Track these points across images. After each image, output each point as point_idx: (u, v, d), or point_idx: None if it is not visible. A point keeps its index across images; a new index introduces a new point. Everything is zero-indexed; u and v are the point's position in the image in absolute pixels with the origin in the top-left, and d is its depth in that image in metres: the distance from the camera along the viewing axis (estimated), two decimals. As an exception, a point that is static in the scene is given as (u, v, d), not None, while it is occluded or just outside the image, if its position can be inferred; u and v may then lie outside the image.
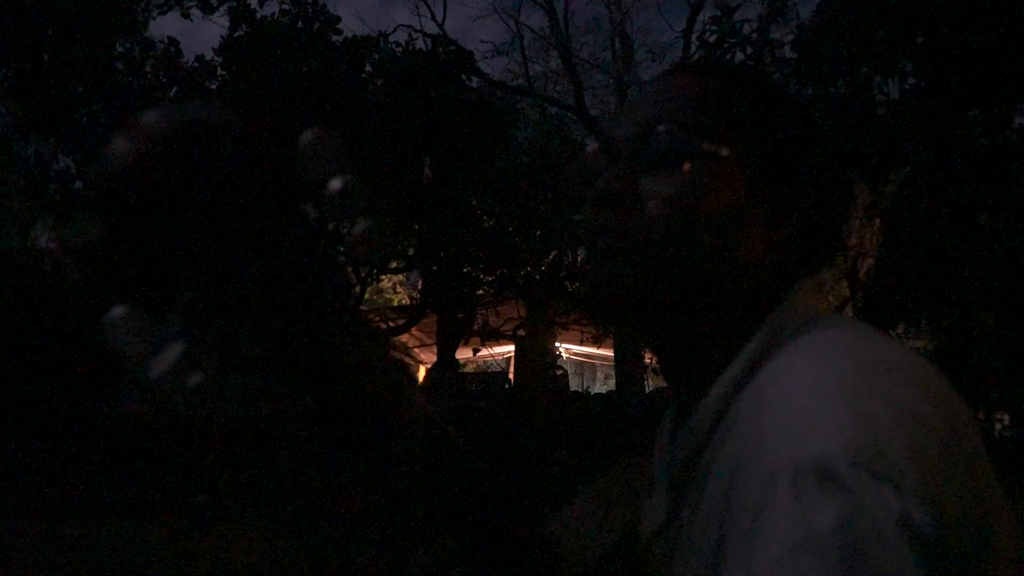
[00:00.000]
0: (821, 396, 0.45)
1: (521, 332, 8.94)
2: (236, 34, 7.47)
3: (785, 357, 0.52)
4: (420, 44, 8.58)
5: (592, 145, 0.64)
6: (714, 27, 5.26)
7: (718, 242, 0.57)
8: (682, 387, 0.64)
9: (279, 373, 0.47)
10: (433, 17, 19.48)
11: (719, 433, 0.53)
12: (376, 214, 0.45)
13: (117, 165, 0.41)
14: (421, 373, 9.85)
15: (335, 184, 0.44)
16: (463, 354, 9.81)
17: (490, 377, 9.65)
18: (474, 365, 12.00)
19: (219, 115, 0.43)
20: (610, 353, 10.99)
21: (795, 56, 5.07)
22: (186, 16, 8.00)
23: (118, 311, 0.40)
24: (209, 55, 7.53)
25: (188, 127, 0.42)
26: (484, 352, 9.65)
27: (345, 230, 0.45)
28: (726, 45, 5.14)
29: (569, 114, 11.58)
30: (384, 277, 11.63)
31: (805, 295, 0.59)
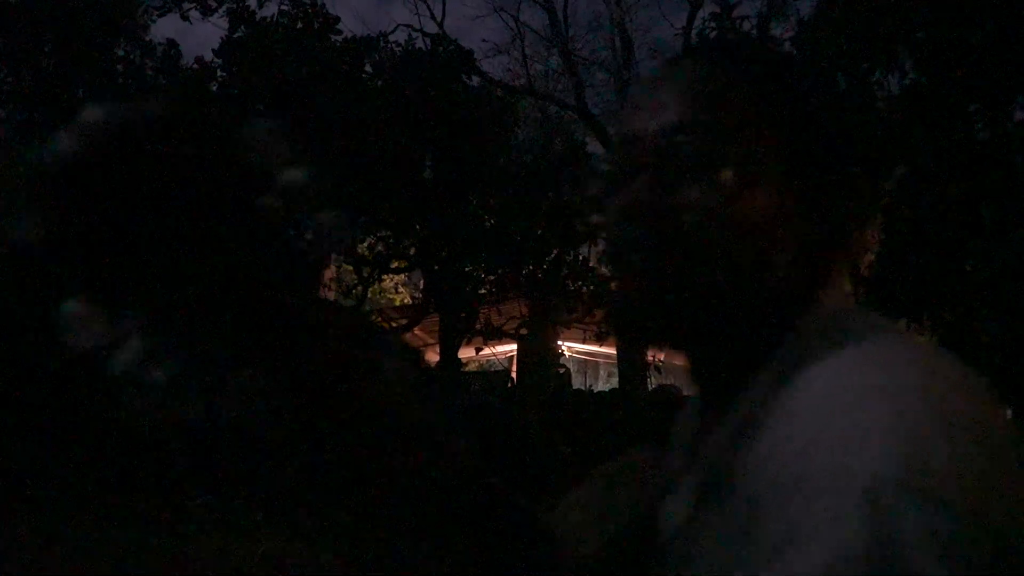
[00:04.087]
0: (864, 406, 0.44)
1: (523, 331, 8.93)
2: (235, 35, 7.47)
3: (824, 360, 0.50)
4: (420, 44, 8.59)
5: (604, 151, 0.62)
6: (713, 24, 5.26)
7: (759, 248, 0.55)
8: (712, 387, 0.62)
9: (246, 371, 0.45)
10: (433, 16, 19.47)
11: (753, 434, 0.52)
12: (335, 205, 0.44)
13: (61, 160, 0.40)
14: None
15: (289, 174, 0.43)
16: (466, 353, 9.81)
17: (493, 376, 9.65)
18: (477, 364, 12.00)
19: (168, 108, 0.42)
20: (612, 351, 10.98)
21: (795, 52, 5.07)
22: (185, 18, 8.00)
23: (70, 308, 0.39)
24: (208, 56, 7.54)
25: (137, 122, 0.41)
26: (487, 351, 9.65)
27: (306, 221, 0.44)
28: (726, 42, 5.13)
29: (570, 112, 11.58)
30: (386, 277, 11.63)
31: (838, 294, 0.57)
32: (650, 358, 8.44)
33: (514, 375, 9.94)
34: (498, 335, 8.80)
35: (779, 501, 0.43)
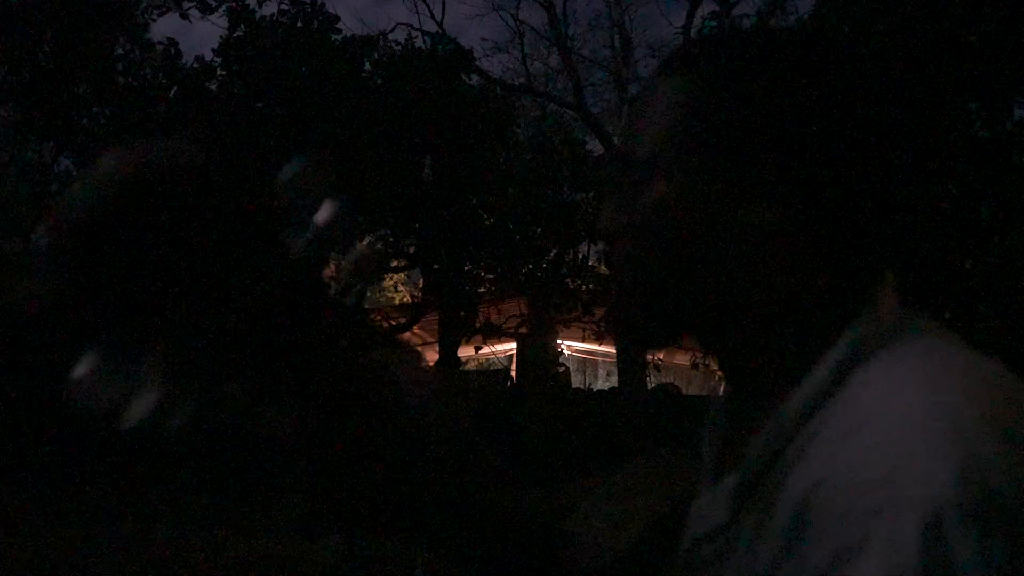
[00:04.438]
0: (924, 424, 0.42)
1: (523, 329, 8.93)
2: (235, 34, 7.47)
3: (880, 369, 0.49)
4: (419, 43, 8.59)
5: (604, 151, 0.62)
6: (713, 22, 5.26)
7: (745, 264, 0.54)
8: (747, 389, 0.60)
9: (274, 407, 0.45)
10: (432, 15, 19.49)
11: (801, 441, 0.50)
12: (366, 240, 0.43)
13: (77, 217, 0.39)
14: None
15: (321, 216, 0.43)
16: (465, 352, 9.81)
17: (492, 375, 9.64)
18: (476, 363, 12.00)
19: (183, 155, 0.41)
20: (612, 350, 10.99)
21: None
22: (185, 17, 7.99)
23: (87, 364, 0.39)
24: (208, 55, 7.54)
25: (148, 170, 0.40)
26: (486, 350, 9.65)
27: (334, 259, 0.44)
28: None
29: (569, 111, 11.57)
30: (385, 276, 11.63)
31: (888, 298, 0.55)
32: (650, 357, 8.44)
33: (514, 374, 9.94)
34: (497, 334, 8.80)
35: (831, 519, 0.42)
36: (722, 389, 0.67)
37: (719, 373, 0.62)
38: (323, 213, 0.43)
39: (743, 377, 0.60)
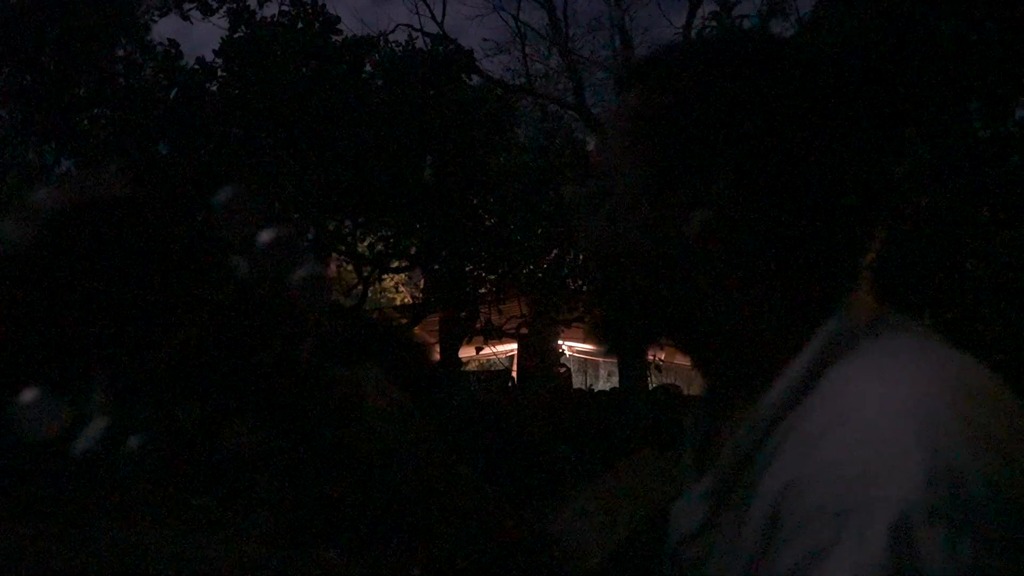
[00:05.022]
0: (896, 424, 0.42)
1: (524, 330, 8.93)
2: (236, 35, 7.47)
3: (852, 368, 0.49)
4: (420, 43, 8.59)
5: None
6: (713, 23, 5.26)
7: (700, 270, 0.54)
8: (721, 390, 0.61)
9: (232, 424, 0.45)
10: (432, 16, 19.50)
11: (775, 440, 0.50)
12: (312, 259, 0.44)
13: (9, 249, 0.39)
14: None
15: (264, 236, 0.43)
16: (466, 352, 9.81)
17: (493, 375, 9.65)
18: (477, 364, 12.00)
19: (110, 186, 0.41)
20: (613, 350, 10.96)
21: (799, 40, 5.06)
22: (186, 18, 8.00)
23: (28, 396, 0.39)
24: (209, 57, 7.54)
25: (85, 202, 0.40)
26: (487, 350, 9.65)
27: (284, 278, 0.43)
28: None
29: (570, 112, 11.57)
30: (386, 276, 11.63)
31: (864, 296, 0.54)
32: (651, 357, 8.44)
33: (514, 374, 9.94)
34: (498, 334, 8.81)
35: (803, 519, 0.42)
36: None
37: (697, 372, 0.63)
38: (264, 235, 0.43)
39: (718, 377, 0.61)
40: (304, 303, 0.44)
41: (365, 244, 8.34)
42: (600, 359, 13.79)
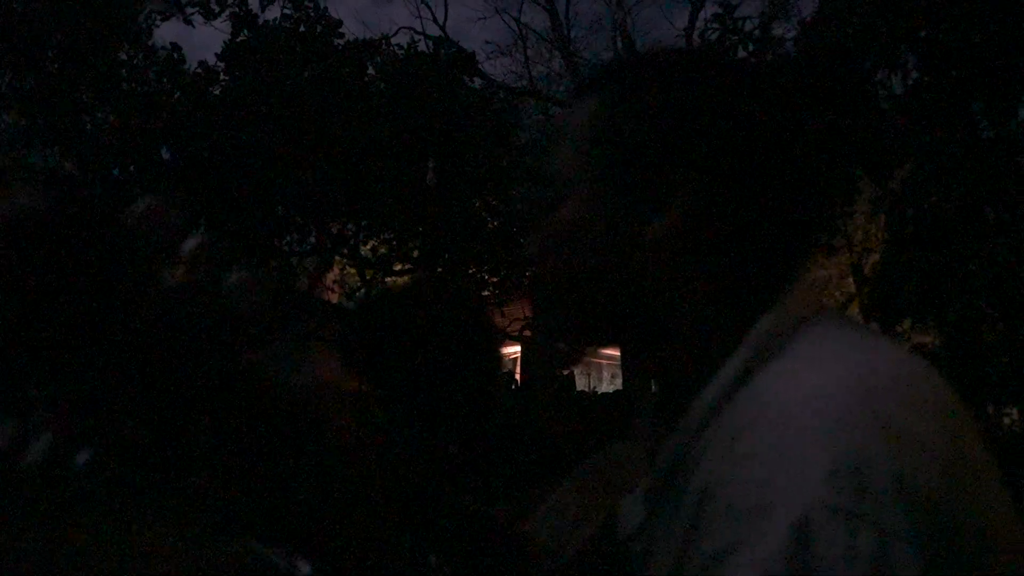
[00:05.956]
0: (804, 424, 0.43)
1: (527, 332, 8.92)
2: (238, 39, 7.49)
3: (776, 367, 0.49)
4: (422, 46, 8.59)
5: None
6: (715, 24, 5.25)
7: (647, 275, 0.55)
8: (666, 390, 0.62)
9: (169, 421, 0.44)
10: (434, 18, 19.54)
11: (703, 441, 0.51)
12: (245, 266, 0.43)
13: None
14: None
15: (186, 246, 0.43)
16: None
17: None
18: (480, 366, 11.97)
19: (35, 204, 0.41)
20: (616, 352, 10.97)
21: (797, 53, 5.07)
22: (188, 22, 8.02)
23: None
24: (212, 60, 7.56)
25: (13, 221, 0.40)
26: (490, 353, 9.63)
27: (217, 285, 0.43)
28: (728, 43, 5.13)
29: (572, 114, 11.57)
30: (389, 279, 11.64)
31: (800, 295, 0.55)
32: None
33: (518, 377, 9.93)
34: (502, 337, 8.80)
35: (714, 519, 0.43)
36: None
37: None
38: (188, 243, 0.43)
39: (667, 378, 0.62)
40: (242, 307, 0.44)
41: (368, 247, 8.35)
42: (603, 361, 13.77)
